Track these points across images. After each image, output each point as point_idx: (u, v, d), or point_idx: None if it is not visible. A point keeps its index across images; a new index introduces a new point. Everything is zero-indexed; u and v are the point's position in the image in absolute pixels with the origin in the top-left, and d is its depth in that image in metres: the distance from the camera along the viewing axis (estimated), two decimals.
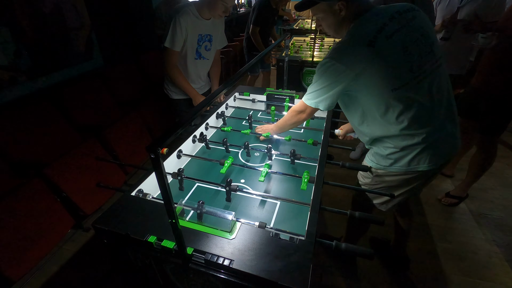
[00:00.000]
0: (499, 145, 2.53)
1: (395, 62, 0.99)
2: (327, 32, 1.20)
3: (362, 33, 1.01)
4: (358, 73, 0.99)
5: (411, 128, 1.07)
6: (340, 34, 1.15)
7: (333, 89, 1.06)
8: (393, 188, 1.26)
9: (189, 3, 1.78)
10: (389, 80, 1.00)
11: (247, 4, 7.81)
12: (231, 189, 1.07)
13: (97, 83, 2.69)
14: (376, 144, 1.22)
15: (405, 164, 1.15)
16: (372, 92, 1.03)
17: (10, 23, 2.13)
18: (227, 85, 0.93)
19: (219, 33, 1.99)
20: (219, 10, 1.73)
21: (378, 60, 0.97)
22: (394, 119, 1.07)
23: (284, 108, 1.82)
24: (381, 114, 1.08)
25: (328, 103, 1.12)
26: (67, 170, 1.76)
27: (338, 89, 1.05)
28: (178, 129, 0.67)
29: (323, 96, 1.10)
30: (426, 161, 1.12)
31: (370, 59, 0.97)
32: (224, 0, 1.68)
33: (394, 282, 1.68)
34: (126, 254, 0.94)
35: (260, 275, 0.74)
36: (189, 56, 1.89)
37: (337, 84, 1.04)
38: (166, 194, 0.64)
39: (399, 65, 0.99)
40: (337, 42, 1.01)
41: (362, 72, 0.99)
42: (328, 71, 1.04)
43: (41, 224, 1.59)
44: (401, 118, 1.06)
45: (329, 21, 1.12)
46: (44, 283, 1.70)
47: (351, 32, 1.06)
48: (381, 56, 0.97)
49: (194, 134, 1.47)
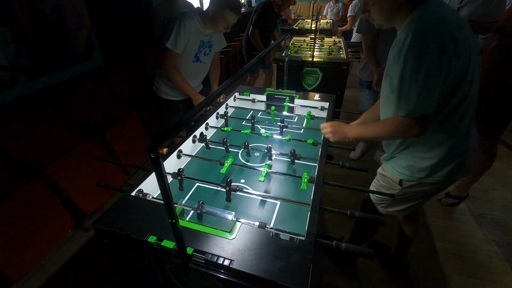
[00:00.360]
0: (499, 145, 2.53)
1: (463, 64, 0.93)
2: (374, 19, 1.07)
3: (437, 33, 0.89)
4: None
5: (457, 134, 1.04)
6: (391, 22, 1.04)
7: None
8: (418, 198, 1.24)
9: (194, 10, 1.80)
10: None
11: (247, 4, 7.81)
12: (231, 189, 1.07)
13: (97, 83, 2.68)
14: (409, 154, 1.14)
15: (442, 175, 1.10)
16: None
17: (10, 23, 2.13)
18: (227, 86, 0.93)
19: (219, 37, 2.00)
20: (221, 27, 1.76)
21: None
22: (451, 122, 1.01)
23: (284, 108, 1.82)
24: (442, 117, 1.01)
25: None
26: (67, 170, 1.77)
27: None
28: (178, 129, 0.67)
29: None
30: (462, 170, 1.10)
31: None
32: (225, 18, 1.70)
33: (394, 282, 1.68)
34: (126, 254, 0.94)
35: (260, 275, 0.74)
36: (187, 59, 1.90)
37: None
38: (166, 194, 0.64)
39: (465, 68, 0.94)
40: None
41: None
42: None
43: (41, 224, 1.59)
44: (455, 121, 1.02)
45: (383, 5, 1.00)
46: (44, 283, 1.70)
47: (417, 27, 0.91)
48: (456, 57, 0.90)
49: (194, 134, 1.47)
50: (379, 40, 2.20)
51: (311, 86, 2.93)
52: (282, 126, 1.57)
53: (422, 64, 0.88)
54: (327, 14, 6.05)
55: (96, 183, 1.24)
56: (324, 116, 1.76)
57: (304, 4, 9.00)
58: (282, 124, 1.57)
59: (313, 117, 1.75)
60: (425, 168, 1.11)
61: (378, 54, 2.23)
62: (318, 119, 1.77)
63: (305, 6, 9.09)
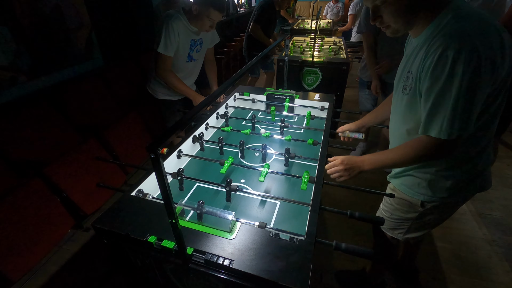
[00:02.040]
0: (499, 145, 2.53)
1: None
2: (388, 25, 0.89)
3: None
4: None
5: (486, 148, 0.93)
6: (409, 26, 0.87)
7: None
8: (443, 218, 1.12)
9: (178, 10, 1.77)
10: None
11: (247, 4, 7.81)
12: (231, 189, 1.07)
13: (97, 83, 2.68)
14: (429, 171, 1.00)
15: (470, 191, 1.00)
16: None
17: (10, 23, 2.13)
18: (227, 86, 0.92)
19: (210, 33, 1.98)
20: (206, 26, 1.74)
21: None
22: (481, 136, 0.90)
23: (284, 108, 1.82)
24: (479, 126, 0.87)
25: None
26: (67, 170, 1.76)
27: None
28: (178, 129, 0.67)
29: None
30: (488, 182, 1.01)
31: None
32: (210, 17, 1.69)
33: (394, 282, 1.68)
34: (126, 254, 0.94)
35: (260, 275, 0.74)
36: (181, 60, 1.89)
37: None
38: (166, 194, 0.64)
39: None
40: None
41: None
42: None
43: (41, 224, 1.59)
44: (486, 135, 0.90)
45: (400, 4, 0.81)
46: (44, 283, 1.70)
47: (459, 32, 0.74)
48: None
49: (194, 134, 1.47)
50: (380, 39, 2.20)
51: (311, 86, 2.93)
52: (282, 126, 1.57)
53: (470, 81, 0.73)
54: (327, 14, 6.05)
55: (96, 183, 1.24)
56: (324, 116, 1.76)
57: (304, 4, 9.01)
58: (283, 124, 1.57)
59: (313, 117, 1.75)
60: (450, 186, 0.98)
61: (379, 54, 2.23)
62: (318, 119, 1.77)
63: (305, 6, 9.09)
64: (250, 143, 1.53)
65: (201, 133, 1.47)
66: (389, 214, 1.20)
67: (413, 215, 1.11)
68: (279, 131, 1.59)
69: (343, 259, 1.80)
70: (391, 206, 1.18)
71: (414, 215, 1.10)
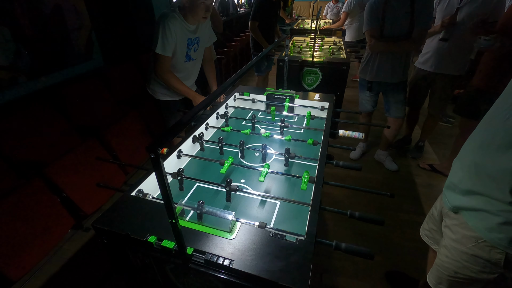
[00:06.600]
0: None
1: None
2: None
3: None
4: None
5: None
6: None
7: None
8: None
9: (173, 8, 1.74)
10: None
11: (247, 4, 7.82)
12: (231, 189, 1.07)
13: (97, 83, 2.69)
14: None
15: None
16: None
17: (10, 23, 2.13)
18: (227, 85, 0.93)
19: (206, 31, 1.97)
20: (201, 12, 1.70)
21: None
22: None
23: (284, 108, 1.82)
24: None
25: None
26: (67, 170, 1.77)
27: None
28: (178, 129, 0.67)
29: None
30: None
31: None
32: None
33: None
34: (126, 254, 0.94)
35: (260, 275, 0.74)
36: (180, 60, 1.88)
37: None
38: (166, 194, 0.64)
39: None
40: None
41: None
42: None
43: (41, 224, 1.59)
44: None
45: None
46: (44, 283, 1.70)
47: None
48: None
49: (194, 134, 1.47)
50: (386, 22, 2.14)
51: (311, 86, 2.94)
52: (282, 126, 1.57)
53: None
54: (327, 14, 6.04)
55: (96, 183, 1.24)
56: (324, 116, 1.76)
57: (304, 4, 9.01)
58: (283, 124, 1.57)
59: (313, 117, 1.75)
60: None
61: (385, 33, 2.17)
62: (318, 119, 1.77)
63: (305, 6, 9.09)
64: (250, 143, 1.53)
65: (201, 133, 1.47)
66: (452, 273, 0.86)
67: (489, 276, 0.76)
68: (279, 131, 1.59)
69: (343, 259, 1.80)
70: (458, 263, 0.82)
71: (491, 276, 0.76)
